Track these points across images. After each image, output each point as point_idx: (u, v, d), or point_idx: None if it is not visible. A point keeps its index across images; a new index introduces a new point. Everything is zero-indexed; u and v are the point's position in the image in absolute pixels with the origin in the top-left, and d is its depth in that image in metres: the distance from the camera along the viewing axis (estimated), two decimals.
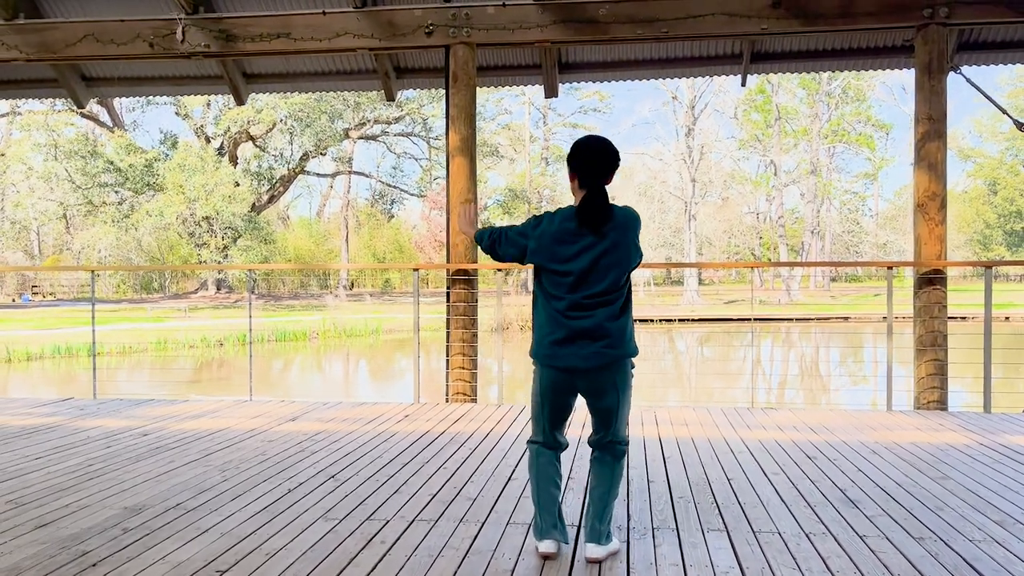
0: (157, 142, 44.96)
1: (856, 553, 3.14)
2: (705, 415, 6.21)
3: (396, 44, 6.86)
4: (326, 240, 59.78)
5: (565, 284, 3.00)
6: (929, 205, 6.36)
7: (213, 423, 5.91)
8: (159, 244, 46.56)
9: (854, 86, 44.95)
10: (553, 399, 3.11)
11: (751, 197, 52.70)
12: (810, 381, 16.59)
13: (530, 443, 3.23)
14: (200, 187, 36.06)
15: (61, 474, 4.40)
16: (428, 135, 48.76)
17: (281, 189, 46.18)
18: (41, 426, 5.81)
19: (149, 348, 23.67)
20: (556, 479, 3.18)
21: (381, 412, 6.36)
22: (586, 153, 3.05)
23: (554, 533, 3.12)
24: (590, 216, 2.98)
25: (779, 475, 4.35)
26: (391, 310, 36.43)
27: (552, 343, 3.02)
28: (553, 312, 3.02)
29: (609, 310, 2.99)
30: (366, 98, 41.68)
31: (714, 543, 3.27)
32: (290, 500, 3.90)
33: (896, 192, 66.04)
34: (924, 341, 6.37)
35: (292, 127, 40.71)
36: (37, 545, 3.25)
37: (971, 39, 6.88)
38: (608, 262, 2.98)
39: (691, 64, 7.43)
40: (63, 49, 7.13)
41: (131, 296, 46.29)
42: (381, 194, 62.39)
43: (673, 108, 43.24)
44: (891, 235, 52.93)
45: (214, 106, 41.73)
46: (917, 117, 6.46)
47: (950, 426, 5.69)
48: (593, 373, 3.01)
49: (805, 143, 46.31)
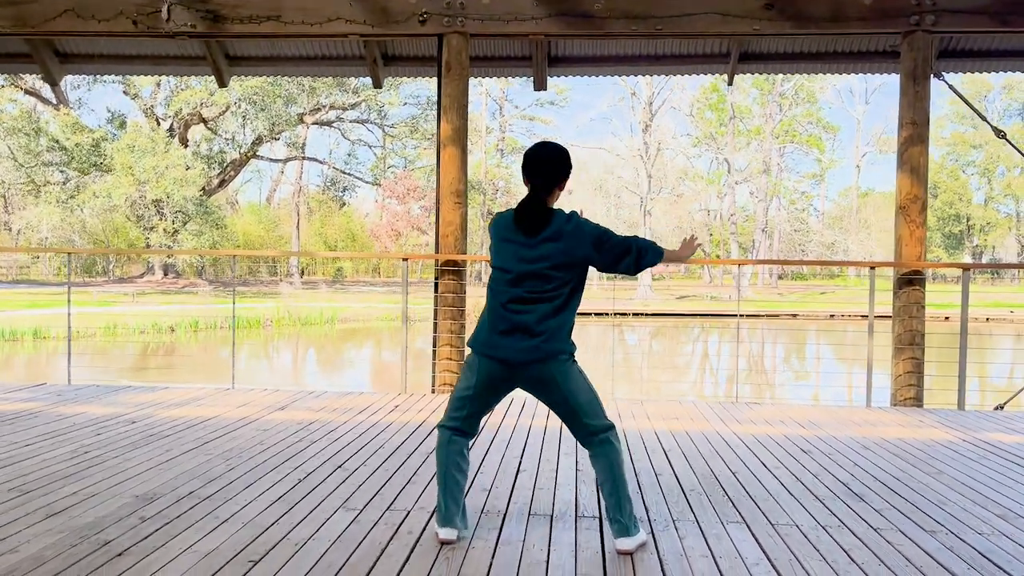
0: (104, 121, 43.74)
1: (875, 546, 3.23)
2: (692, 409, 6.31)
3: (389, 31, 6.80)
4: (276, 226, 58.88)
5: (505, 280, 3.10)
6: (911, 208, 6.53)
7: (200, 411, 5.81)
8: (104, 226, 45.39)
9: (806, 88, 45.81)
10: (485, 390, 3.17)
11: (703, 194, 53.42)
12: (784, 376, 16.89)
13: (442, 428, 3.25)
14: (150, 169, 35.23)
15: (57, 461, 4.29)
16: (383, 122, 48.37)
17: (232, 173, 45.39)
18: (22, 412, 5.64)
19: (98, 333, 23.10)
20: (463, 466, 3.24)
21: (370, 402, 6.32)
22: (529, 158, 3.19)
23: (456, 520, 3.19)
24: (524, 219, 3.11)
25: (780, 469, 4.44)
26: (344, 299, 36.11)
27: (490, 334, 3.11)
28: (496, 305, 3.11)
29: (548, 307, 3.07)
30: (321, 83, 41.12)
31: (736, 535, 3.33)
32: (304, 490, 3.86)
33: (840, 193, 67.67)
34: (903, 339, 6.55)
35: (246, 110, 39.99)
36: (54, 534, 3.16)
37: (951, 47, 7.08)
38: (547, 264, 3.06)
39: (679, 62, 7.50)
40: (41, 24, 6.90)
41: (73, 279, 45.06)
42: (333, 181, 61.63)
43: (631, 104, 43.56)
44: (837, 235, 54.11)
45: (164, 86, 40.77)
46: (901, 121, 6.62)
47: (930, 423, 5.87)
48: (529, 367, 3.08)
49: (757, 142, 47.09)
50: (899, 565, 3.03)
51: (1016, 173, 61.48)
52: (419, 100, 46.00)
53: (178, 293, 36.41)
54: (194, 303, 31.13)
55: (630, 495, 3.19)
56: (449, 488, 3.20)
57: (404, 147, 51.39)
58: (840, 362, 16.49)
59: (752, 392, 13.20)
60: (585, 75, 7.95)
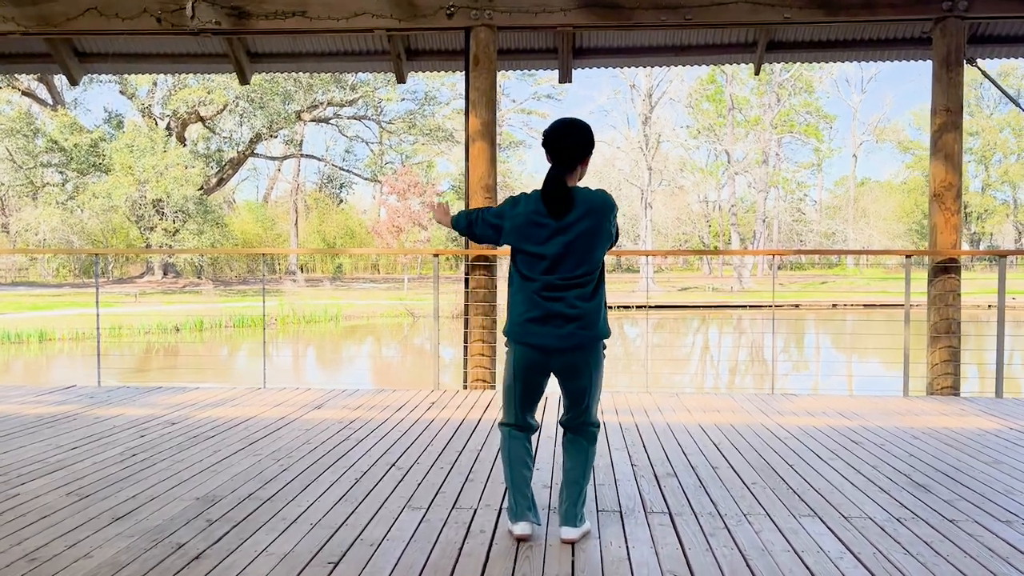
0: (101, 121, 43.49)
1: (955, 537, 3.19)
2: (729, 401, 6.27)
3: (416, 25, 6.73)
4: (274, 224, 58.68)
5: (540, 266, 3.04)
6: (945, 195, 6.49)
7: (237, 411, 5.76)
8: (103, 227, 45.15)
9: (804, 78, 45.76)
10: (526, 378, 3.14)
11: (702, 186, 53.37)
12: (814, 367, 16.83)
13: (501, 426, 3.25)
14: (150, 168, 35.07)
15: (108, 464, 4.24)
16: (381, 118, 48.22)
17: (230, 172, 45.23)
18: (58, 415, 5.59)
19: (103, 334, 23.00)
20: (528, 461, 3.22)
21: (405, 400, 6.27)
22: (553, 135, 3.09)
23: (528, 515, 3.16)
24: (550, 201, 3.03)
25: (836, 460, 4.41)
26: (348, 296, 36.02)
27: (527, 321, 3.06)
28: (529, 292, 3.06)
29: (582, 291, 3.04)
30: (319, 79, 40.95)
31: (812, 528, 3.29)
32: (364, 489, 3.82)
33: (836, 182, 67.67)
34: (939, 328, 6.52)
35: (244, 108, 39.82)
36: (124, 538, 3.12)
37: (981, 33, 7.03)
38: (579, 246, 3.02)
39: (705, 52, 7.44)
40: (63, 23, 6.82)
41: (72, 280, 44.86)
42: (330, 178, 61.44)
43: (631, 97, 43.48)
44: (838, 224, 54.12)
45: (161, 85, 40.56)
46: (934, 109, 6.58)
47: (972, 411, 5.84)
48: (567, 353, 3.05)
49: (754, 134, 47.03)
50: (984, 556, 2.99)
51: (1013, 160, 61.54)
52: (416, 95, 45.89)
53: (180, 292, 36.29)
54: (198, 302, 31.02)
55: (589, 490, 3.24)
56: (517, 484, 3.18)
57: (401, 143, 51.27)
58: (866, 352, 16.43)
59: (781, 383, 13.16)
60: (610, 67, 7.92)
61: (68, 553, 2.97)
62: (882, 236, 54.70)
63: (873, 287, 42.87)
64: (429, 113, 46.83)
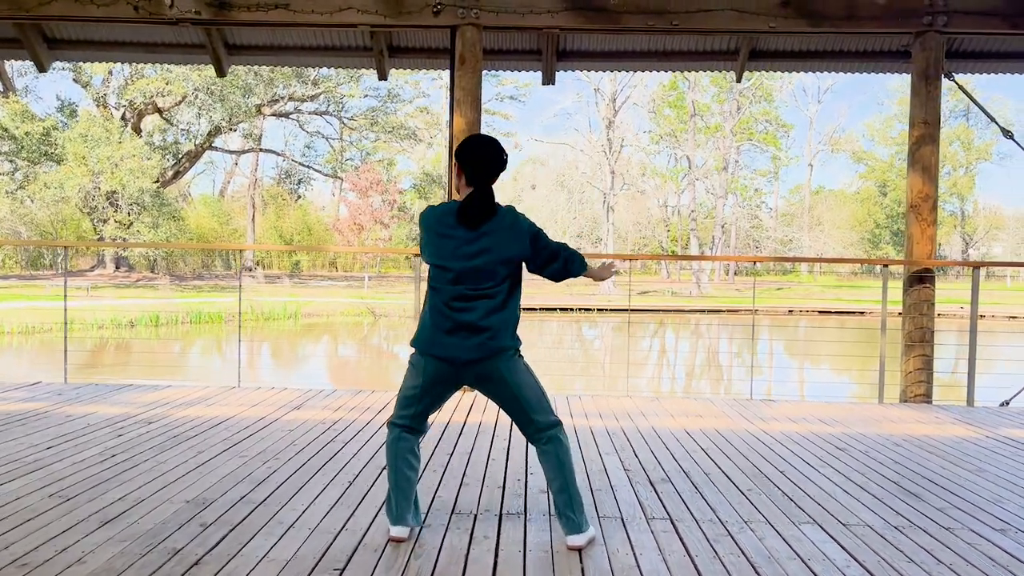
0: (54, 109, 42.37)
1: (954, 546, 3.23)
2: (710, 406, 6.30)
3: (402, 22, 6.65)
4: (230, 219, 57.76)
5: (446, 277, 3.05)
6: (922, 206, 6.60)
7: (214, 411, 5.63)
8: (52, 218, 44.01)
9: (764, 87, 46.39)
10: (432, 389, 3.13)
11: (662, 191, 53.78)
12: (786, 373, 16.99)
13: (392, 425, 3.20)
14: (105, 159, 34.23)
15: (88, 464, 4.10)
16: (342, 114, 47.73)
17: (187, 165, 44.42)
18: (28, 412, 5.40)
19: (54, 328, 22.39)
20: (415, 463, 3.20)
21: (385, 401, 6.19)
22: (480, 152, 3.10)
23: (408, 518, 3.15)
24: (471, 214, 3.04)
25: (826, 467, 4.44)
26: (307, 293, 35.61)
27: (435, 333, 3.07)
28: (438, 303, 3.08)
29: (491, 303, 3.06)
30: (280, 73, 40.43)
31: (814, 536, 3.30)
32: (358, 492, 3.75)
33: (791, 190, 68.77)
34: (913, 337, 6.62)
35: (203, 101, 39.11)
36: (117, 543, 3.01)
37: (959, 48, 7.17)
38: (488, 258, 3.03)
39: (687, 58, 7.47)
40: (35, 7, 6.61)
41: (19, 272, 43.71)
42: (288, 173, 60.69)
43: (595, 100, 43.65)
44: (794, 231, 54.98)
45: (117, 75, 39.65)
46: (912, 121, 6.69)
47: (948, 420, 5.94)
48: (476, 365, 3.06)
49: (714, 140, 47.55)
50: (986, 565, 3.03)
51: (961, 173, 63.15)
52: (379, 93, 45.55)
53: (134, 287, 35.54)
54: (152, 297, 30.41)
55: (579, 491, 3.18)
56: (400, 485, 3.15)
57: (362, 139, 50.84)
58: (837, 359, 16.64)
59: (756, 389, 13.28)
60: (593, 69, 7.89)
61: (59, 559, 2.85)
62: (836, 244, 55.66)
63: (827, 294, 43.65)
64: (392, 111, 46.52)
